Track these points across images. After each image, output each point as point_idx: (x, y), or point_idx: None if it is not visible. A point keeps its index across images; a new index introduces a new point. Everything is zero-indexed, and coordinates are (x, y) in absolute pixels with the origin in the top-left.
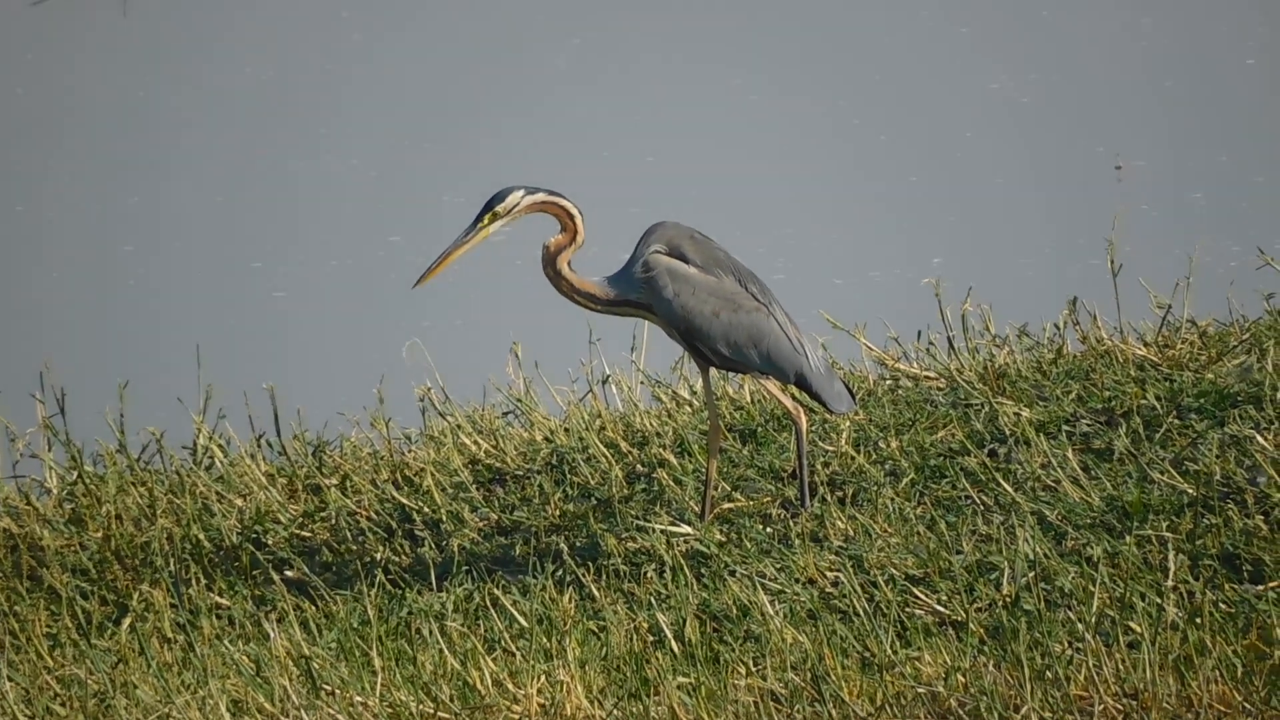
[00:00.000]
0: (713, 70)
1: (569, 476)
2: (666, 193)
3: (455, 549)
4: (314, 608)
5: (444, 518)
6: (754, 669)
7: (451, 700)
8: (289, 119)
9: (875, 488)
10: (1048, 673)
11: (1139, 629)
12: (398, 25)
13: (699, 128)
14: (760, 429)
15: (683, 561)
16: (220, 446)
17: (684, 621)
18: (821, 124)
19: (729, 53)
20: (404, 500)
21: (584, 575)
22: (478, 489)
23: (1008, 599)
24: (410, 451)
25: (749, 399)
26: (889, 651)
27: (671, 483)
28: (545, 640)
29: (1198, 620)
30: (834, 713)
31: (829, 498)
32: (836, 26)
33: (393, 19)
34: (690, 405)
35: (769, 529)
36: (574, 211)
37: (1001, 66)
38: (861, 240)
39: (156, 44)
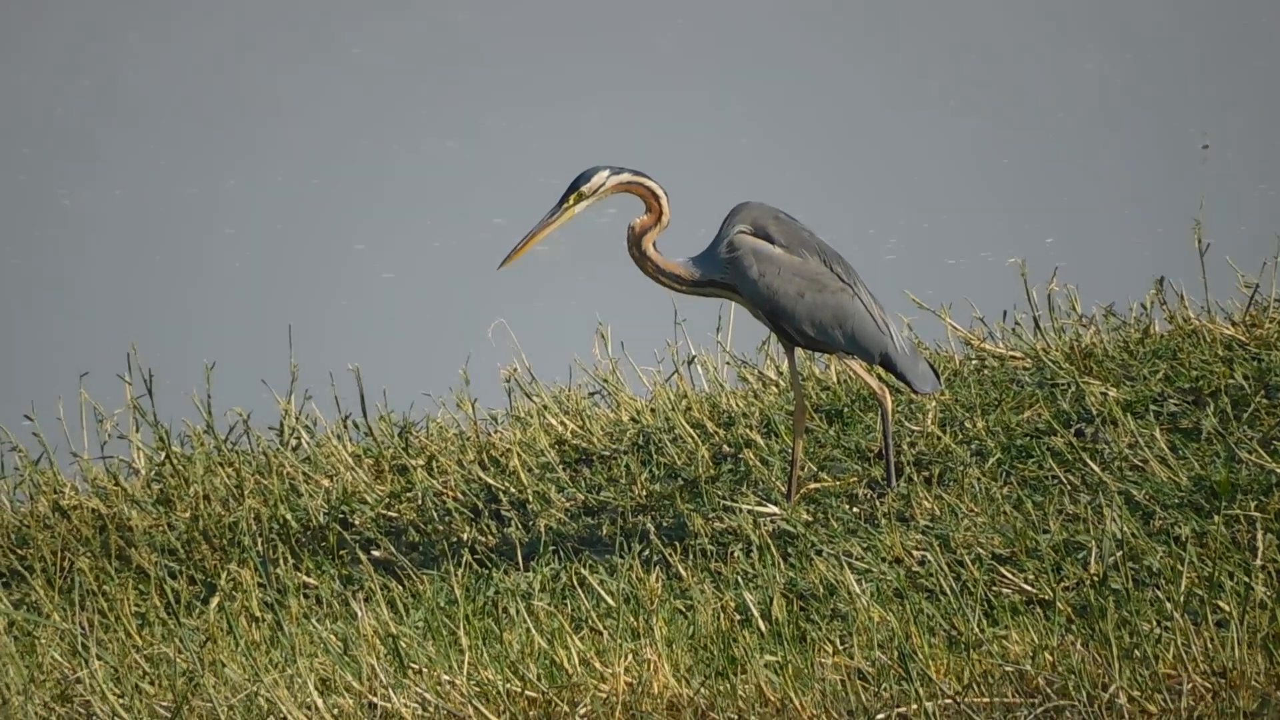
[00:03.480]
0: (811, 54)
1: (655, 457)
2: (760, 176)
3: (542, 529)
4: (401, 587)
5: (530, 498)
6: (840, 647)
7: (538, 679)
8: (391, 102)
9: (961, 467)
10: (1136, 651)
11: (1227, 608)
12: (504, 6)
13: (795, 110)
14: (846, 409)
15: (769, 541)
16: (307, 427)
17: (771, 600)
18: (915, 105)
19: (827, 36)
20: (490, 480)
21: (671, 555)
22: (564, 469)
23: (1095, 578)
24: (496, 432)
25: (835, 379)
26: (976, 630)
27: (758, 463)
28: (632, 619)
29: None
30: (920, 691)
31: (915, 477)
32: (935, 8)
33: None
34: (776, 385)
35: (855, 509)
36: (659, 192)
37: (1098, 45)
38: (964, 222)
39: (255, 27)
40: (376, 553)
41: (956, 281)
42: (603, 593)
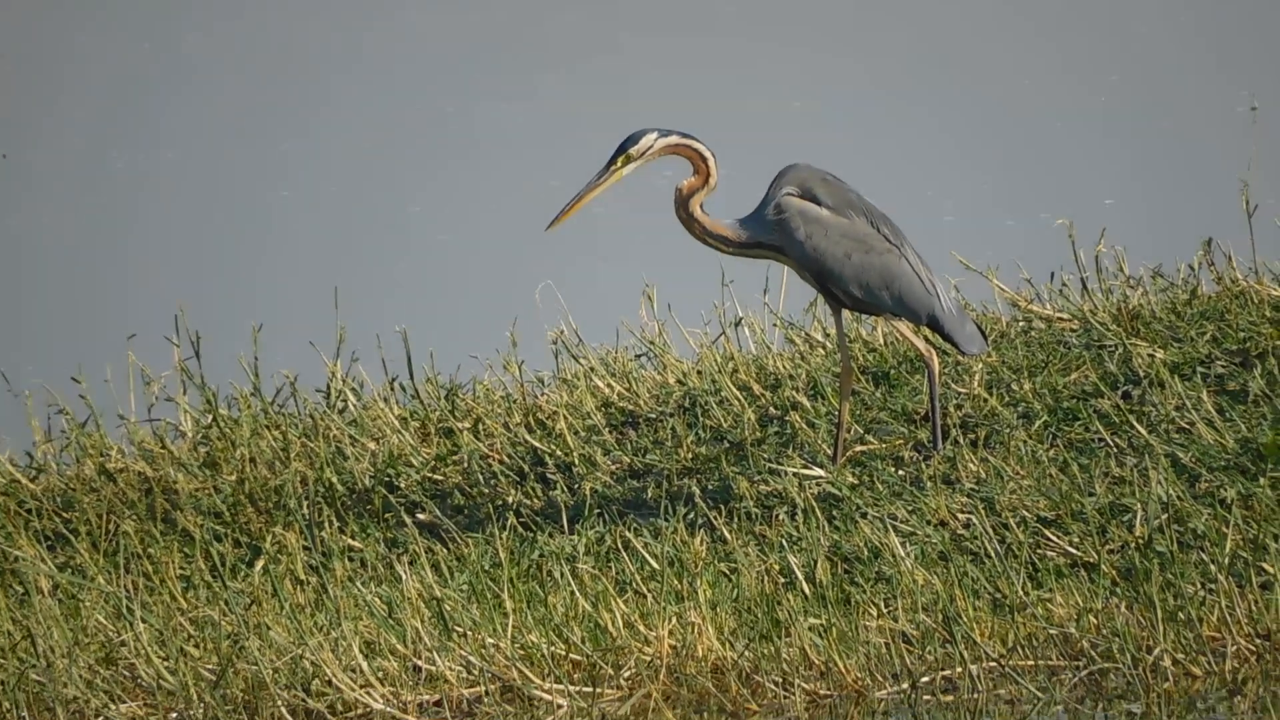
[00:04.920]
0: (865, 15)
1: (701, 419)
2: (813, 139)
3: (587, 492)
4: (445, 550)
5: (576, 460)
6: (885, 610)
7: (583, 642)
8: (446, 65)
9: (1007, 430)
10: (1180, 614)
11: (1272, 570)
12: None
13: (850, 73)
14: (893, 371)
15: (814, 504)
16: (354, 390)
17: (815, 563)
18: (969, 69)
19: (885, 4)
20: (536, 443)
21: (715, 518)
22: (610, 432)
23: (1140, 541)
24: (543, 395)
25: (882, 341)
26: (1020, 593)
27: (804, 425)
28: (676, 582)
29: None
30: (965, 654)
31: (961, 440)
32: None
33: None
34: (823, 348)
35: (901, 471)
36: (707, 154)
37: (1152, 7)
38: (1024, 183)
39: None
40: (421, 516)
41: (1014, 243)
42: (647, 556)
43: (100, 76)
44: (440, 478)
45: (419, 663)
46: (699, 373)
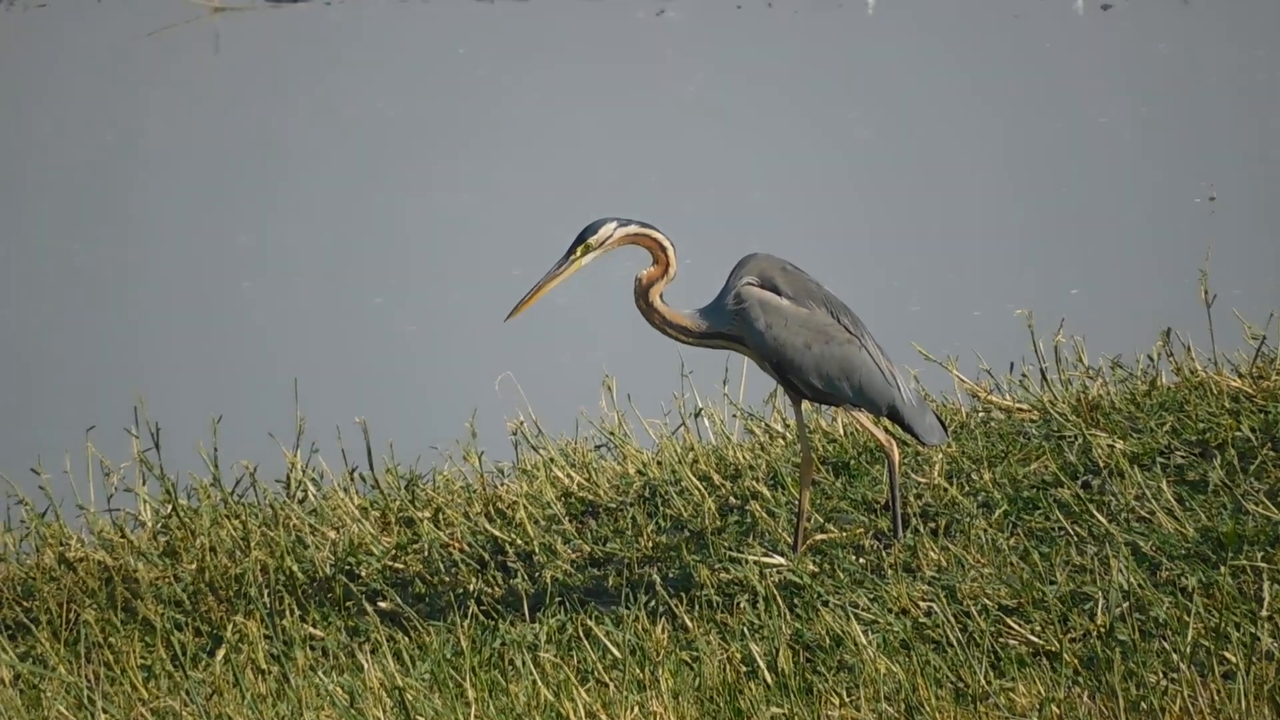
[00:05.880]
0: (826, 107)
1: (662, 509)
2: (773, 229)
3: (548, 580)
4: (407, 639)
5: (537, 549)
6: (847, 699)
7: None
8: (403, 155)
9: (968, 519)
10: (1142, 703)
11: (1234, 659)
12: (513, 61)
13: (808, 163)
14: (853, 461)
15: (775, 592)
16: (314, 480)
17: (777, 651)
18: (929, 156)
19: (843, 90)
20: (497, 532)
21: (677, 606)
22: (570, 521)
23: (1102, 629)
24: (503, 484)
25: (842, 431)
26: (983, 682)
27: (764, 514)
28: (638, 671)
29: None
30: None
31: (922, 529)
32: (953, 60)
33: (508, 54)
34: (783, 437)
35: (862, 560)
36: (666, 244)
37: (1112, 100)
38: (988, 275)
39: (273, 82)
40: (383, 604)
41: (979, 334)
42: (609, 644)
43: (63, 167)
44: (401, 566)
45: None
46: (659, 463)
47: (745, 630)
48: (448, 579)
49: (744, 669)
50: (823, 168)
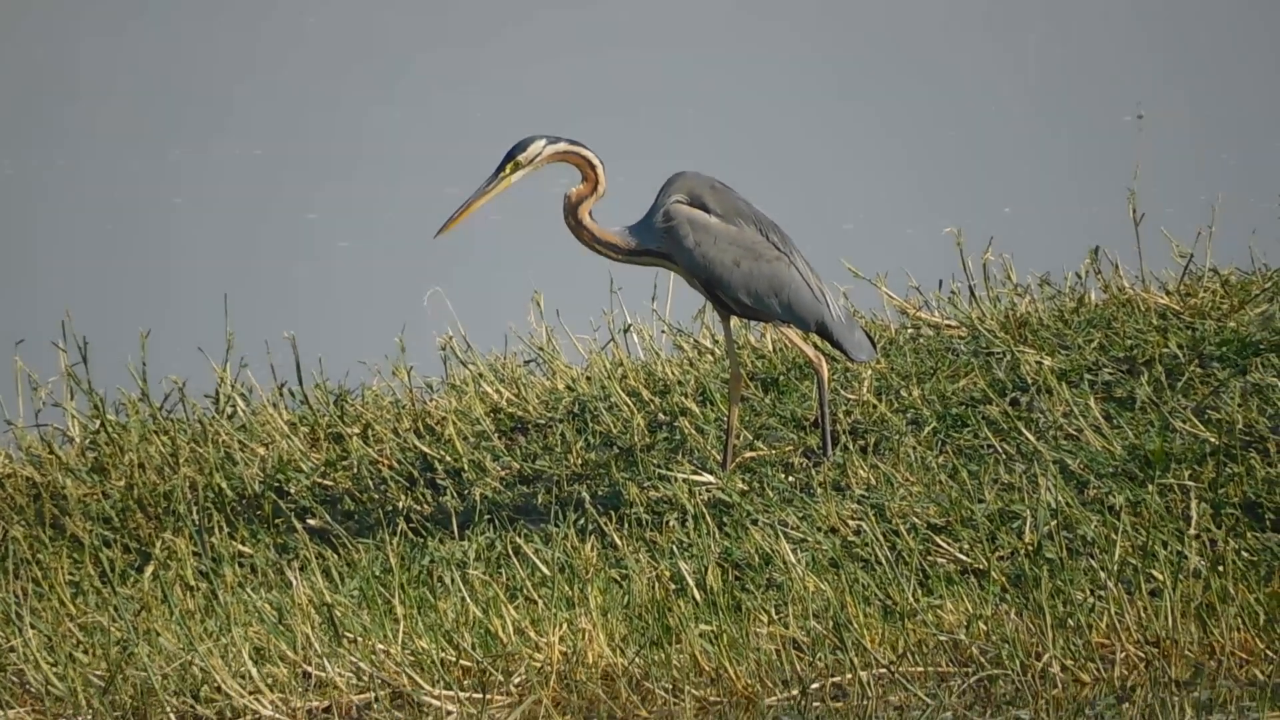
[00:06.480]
0: (762, 29)
1: (591, 425)
2: (705, 147)
3: (477, 498)
4: (336, 556)
5: (466, 466)
6: (776, 617)
7: (473, 648)
8: (339, 72)
9: (897, 436)
10: (1069, 620)
11: (1161, 577)
12: None
13: (742, 80)
14: (782, 378)
15: (705, 510)
16: (243, 395)
17: (706, 570)
18: (863, 75)
19: (777, 14)
20: (426, 449)
21: (606, 524)
22: (500, 438)
23: (1030, 547)
24: (432, 400)
25: (771, 348)
26: (911, 600)
27: (693, 431)
28: (567, 588)
29: (1220, 568)
30: (856, 660)
31: (851, 446)
32: None
33: None
34: (712, 354)
35: (791, 478)
36: (595, 161)
37: (1044, 18)
38: (923, 191)
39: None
40: (312, 521)
41: (912, 252)
42: (538, 562)
43: None
44: (330, 483)
45: (309, 669)
46: (588, 379)
47: (674, 548)
48: (377, 496)
49: (673, 587)
50: (757, 85)
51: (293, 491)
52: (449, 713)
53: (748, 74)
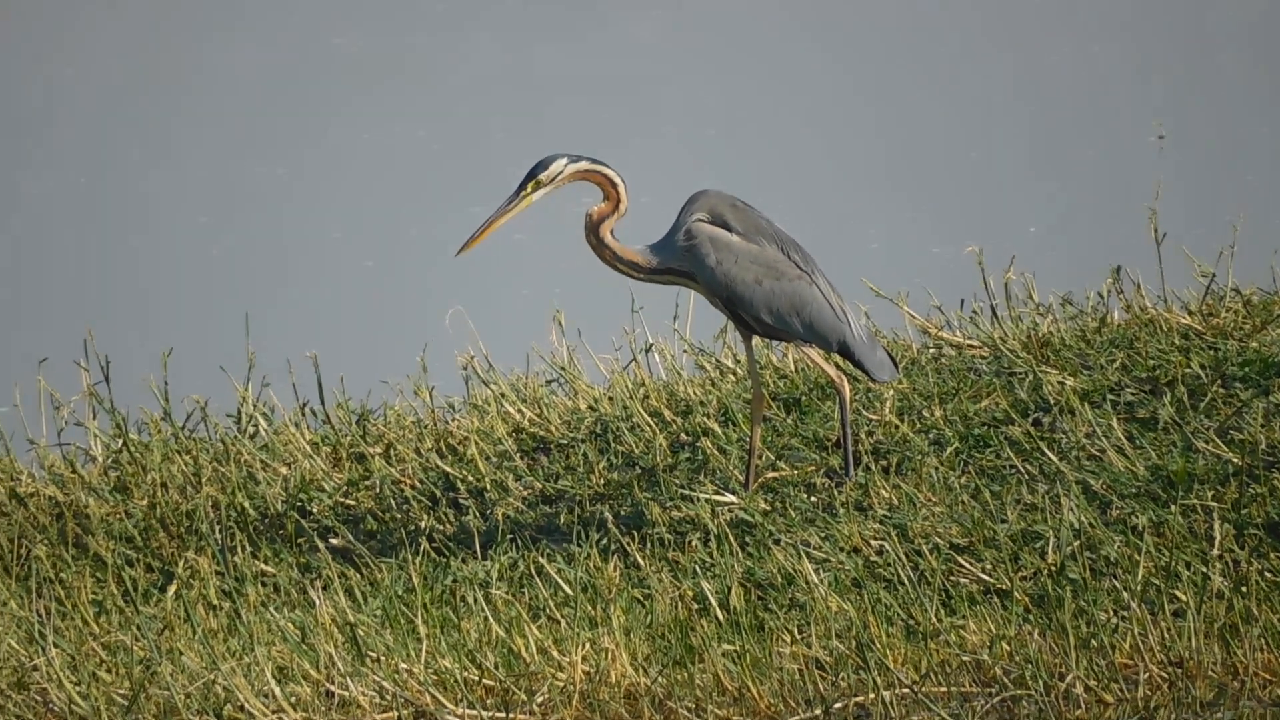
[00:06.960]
0: (785, 46)
1: (613, 445)
2: (728, 167)
3: (500, 517)
4: (359, 575)
5: (488, 486)
6: (798, 637)
7: (496, 667)
8: (359, 90)
9: (919, 457)
10: (1093, 641)
11: (1184, 597)
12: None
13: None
14: (804, 398)
15: (727, 530)
16: (265, 415)
17: (729, 590)
18: (887, 96)
19: (804, 29)
20: (448, 469)
21: (629, 543)
22: (522, 457)
23: (1053, 568)
24: (454, 420)
25: (793, 367)
26: (933, 620)
27: (715, 451)
28: (590, 608)
29: (1243, 589)
30: (878, 680)
31: (873, 466)
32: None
33: None
34: (734, 374)
35: (813, 498)
36: (617, 180)
37: (1066, 39)
38: (947, 212)
39: (235, 16)
40: (334, 541)
41: (937, 271)
42: (560, 581)
43: (11, 99)
44: (353, 503)
45: (332, 688)
46: (610, 399)
47: (697, 568)
48: (399, 515)
49: (696, 607)
50: (780, 107)
51: (315, 511)
52: None
53: (770, 93)
